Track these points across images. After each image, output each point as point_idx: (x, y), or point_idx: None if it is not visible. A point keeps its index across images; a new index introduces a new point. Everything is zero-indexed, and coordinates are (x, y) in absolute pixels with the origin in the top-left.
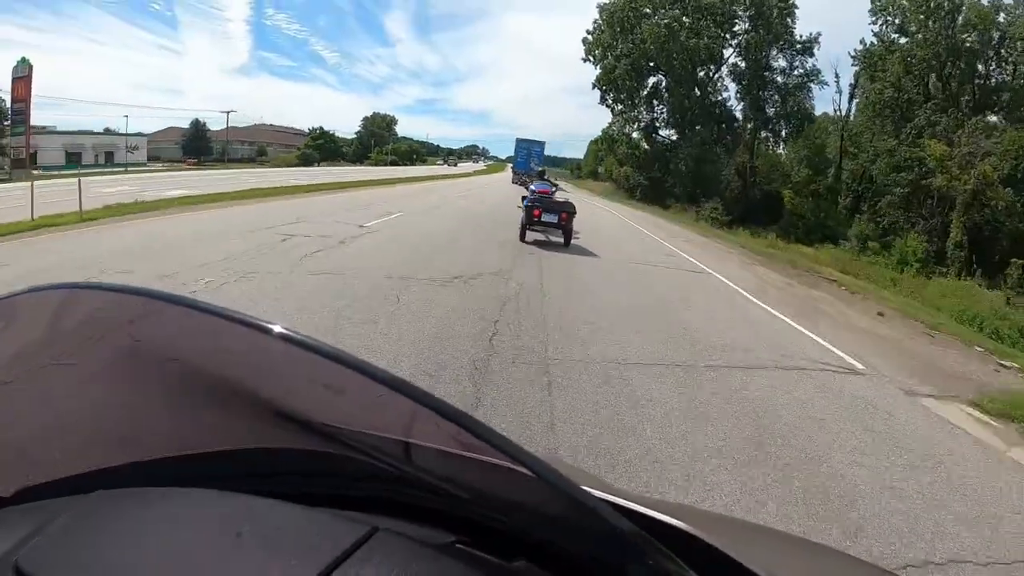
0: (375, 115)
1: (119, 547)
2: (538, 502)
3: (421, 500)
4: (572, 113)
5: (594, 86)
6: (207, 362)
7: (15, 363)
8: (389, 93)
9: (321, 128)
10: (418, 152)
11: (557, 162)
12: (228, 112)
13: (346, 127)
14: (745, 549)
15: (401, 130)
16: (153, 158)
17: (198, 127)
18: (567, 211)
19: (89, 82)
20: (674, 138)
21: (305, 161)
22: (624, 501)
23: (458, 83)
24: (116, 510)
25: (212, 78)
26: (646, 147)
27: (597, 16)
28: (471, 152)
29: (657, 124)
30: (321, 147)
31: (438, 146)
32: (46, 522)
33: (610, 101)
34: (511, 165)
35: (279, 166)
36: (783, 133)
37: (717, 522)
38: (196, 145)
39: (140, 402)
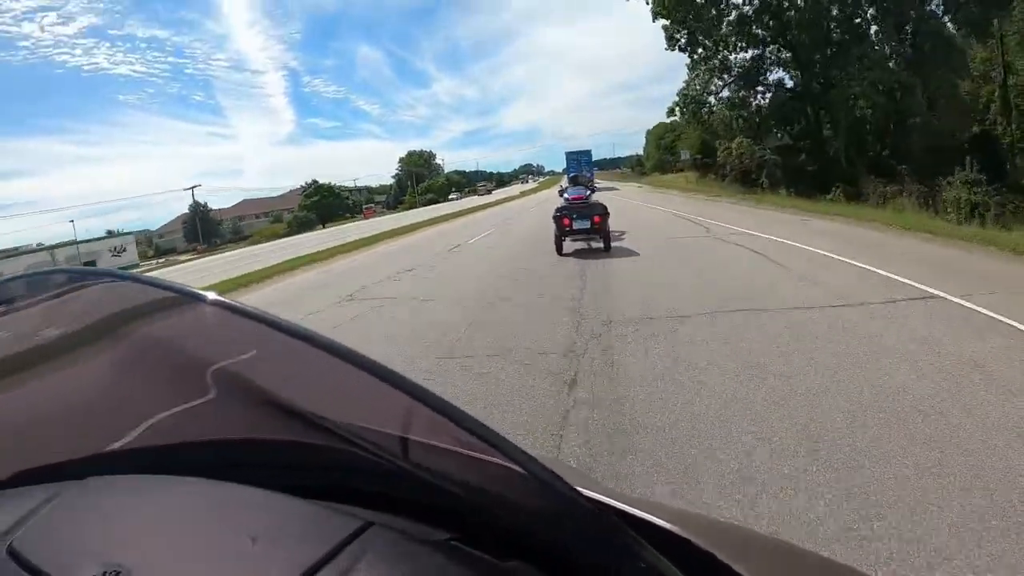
0: (411, 154)
1: (110, 531)
2: (532, 502)
3: (416, 496)
4: (621, 112)
5: (655, 17)
6: (201, 351)
7: (12, 346)
8: (436, 131)
9: (315, 181)
10: (458, 184)
11: (617, 163)
12: (193, 188)
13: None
14: (739, 555)
15: (453, 163)
16: (168, 250)
17: (198, 210)
18: (599, 213)
19: (151, 181)
20: (789, 84)
21: (302, 225)
22: (619, 503)
23: (502, 107)
24: (108, 495)
25: (265, 153)
26: (755, 102)
27: None
28: (526, 172)
29: (765, 65)
30: (318, 204)
31: (492, 173)
32: (40, 505)
33: (683, 42)
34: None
35: (259, 242)
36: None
37: (712, 527)
38: (201, 229)
39: (133, 390)
